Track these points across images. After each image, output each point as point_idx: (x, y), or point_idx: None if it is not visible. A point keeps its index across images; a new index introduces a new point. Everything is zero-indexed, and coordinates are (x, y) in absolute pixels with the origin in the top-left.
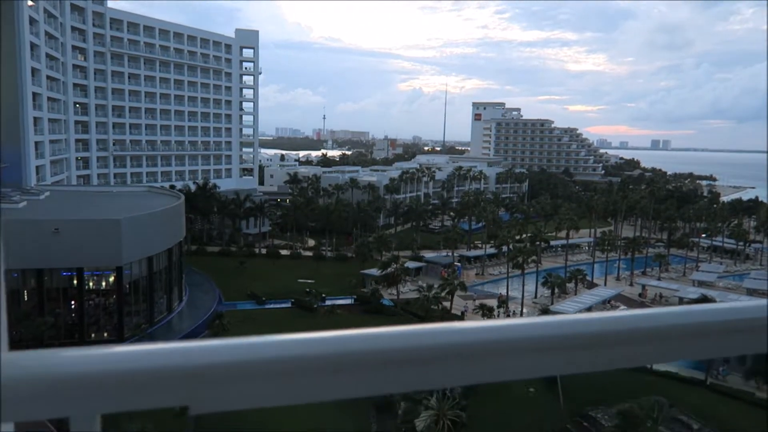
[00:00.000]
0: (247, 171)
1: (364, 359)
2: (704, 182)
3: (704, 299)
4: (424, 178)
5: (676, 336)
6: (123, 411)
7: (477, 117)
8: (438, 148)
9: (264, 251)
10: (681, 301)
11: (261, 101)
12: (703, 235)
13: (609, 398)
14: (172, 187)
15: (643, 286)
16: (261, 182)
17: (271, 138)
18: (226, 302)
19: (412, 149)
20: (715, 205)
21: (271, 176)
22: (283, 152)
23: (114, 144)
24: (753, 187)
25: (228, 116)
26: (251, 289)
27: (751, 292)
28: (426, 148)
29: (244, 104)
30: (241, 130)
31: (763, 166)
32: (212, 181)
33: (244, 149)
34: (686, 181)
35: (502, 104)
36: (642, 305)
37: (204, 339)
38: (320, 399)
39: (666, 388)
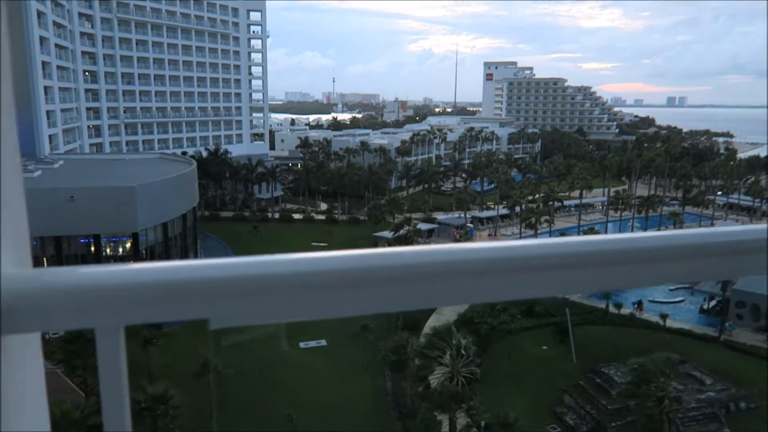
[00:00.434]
0: (257, 136)
1: (382, 275)
2: (721, 139)
3: None
4: (436, 140)
5: (673, 257)
6: (146, 322)
7: (489, 77)
8: (449, 110)
9: (277, 216)
10: None
11: (269, 65)
12: (719, 193)
13: (622, 355)
14: (184, 153)
15: None
16: (272, 147)
17: (281, 102)
18: None
19: (423, 111)
20: (731, 162)
21: (282, 141)
22: (293, 116)
23: (125, 111)
24: None
25: (237, 81)
26: (265, 253)
27: None
28: (437, 110)
29: (253, 68)
30: (250, 95)
31: None
32: (223, 147)
33: (254, 114)
34: (702, 139)
35: (514, 63)
36: None
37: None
38: (338, 315)
39: (680, 345)
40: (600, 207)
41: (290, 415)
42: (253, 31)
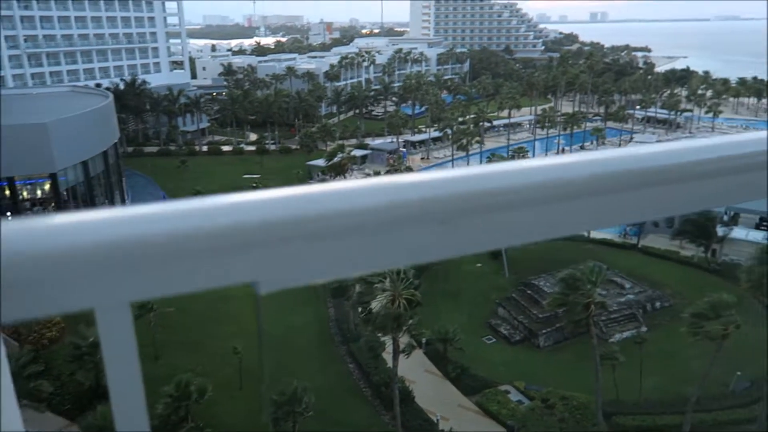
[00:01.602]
0: (177, 64)
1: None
2: (640, 54)
3: None
4: (365, 63)
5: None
6: (160, 296)
7: None
8: (377, 31)
9: (205, 148)
10: None
11: None
12: (638, 107)
13: (551, 267)
14: (98, 86)
15: None
16: (193, 76)
17: (199, 27)
18: None
19: (349, 33)
20: (649, 77)
21: (204, 69)
22: (214, 42)
23: (26, 40)
24: (686, 57)
25: (149, 3)
26: (196, 187)
27: None
28: (364, 31)
29: None
30: (165, 18)
31: (696, 34)
32: (141, 77)
33: (171, 40)
34: (623, 54)
35: None
36: None
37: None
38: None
39: (602, 253)
40: (528, 126)
41: (235, 348)
42: None
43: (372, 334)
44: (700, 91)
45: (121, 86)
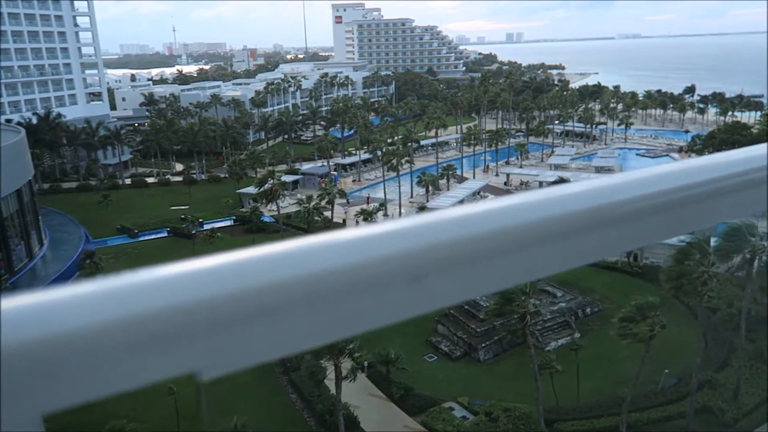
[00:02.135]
0: (94, 95)
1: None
2: (554, 71)
3: (561, 181)
4: (291, 88)
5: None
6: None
7: (338, 20)
8: (301, 56)
9: (129, 181)
10: (541, 185)
11: (98, 13)
12: (557, 122)
13: None
14: (9, 121)
15: (508, 175)
16: (113, 107)
17: (117, 57)
18: (94, 240)
19: (274, 59)
20: (565, 93)
21: (124, 99)
22: (133, 71)
23: None
24: (596, 73)
25: (61, 34)
26: (121, 222)
27: (599, 170)
28: (289, 57)
29: (78, 19)
30: (79, 49)
31: (603, 51)
32: (55, 110)
33: (87, 71)
34: (539, 72)
35: (362, 5)
36: (508, 193)
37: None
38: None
39: None
40: (455, 144)
41: (171, 389)
42: None
43: (313, 361)
44: (611, 105)
45: (34, 120)
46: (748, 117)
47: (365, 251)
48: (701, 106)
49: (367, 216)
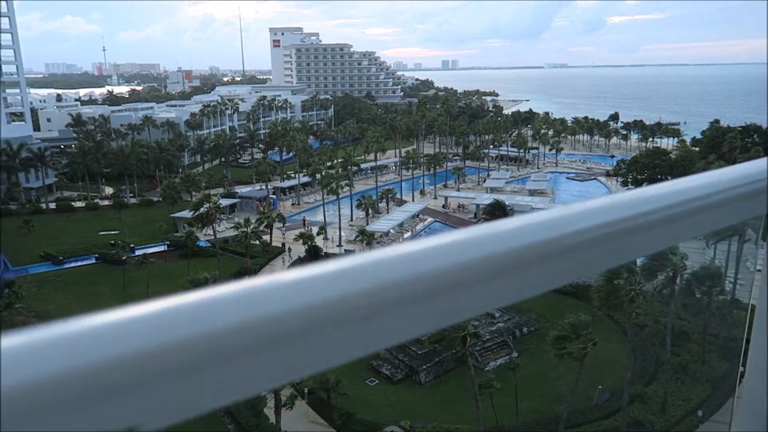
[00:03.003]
0: (16, 116)
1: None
2: (489, 98)
3: (497, 203)
4: (228, 111)
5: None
6: None
7: (276, 43)
8: (238, 78)
9: (53, 205)
10: (478, 207)
11: (21, 31)
12: (491, 147)
13: None
14: None
15: (446, 198)
16: (36, 128)
17: (41, 76)
18: (14, 268)
19: (210, 81)
20: (499, 118)
21: (49, 120)
22: (59, 91)
23: None
24: (528, 99)
25: None
26: (44, 249)
27: (533, 193)
28: (226, 79)
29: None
30: None
31: (533, 79)
32: None
33: (7, 90)
34: (474, 98)
35: (300, 29)
36: (446, 215)
37: None
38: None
39: None
40: (394, 167)
41: None
42: None
43: None
44: (543, 131)
45: None
46: (667, 143)
47: (316, 292)
48: (625, 132)
49: (306, 240)
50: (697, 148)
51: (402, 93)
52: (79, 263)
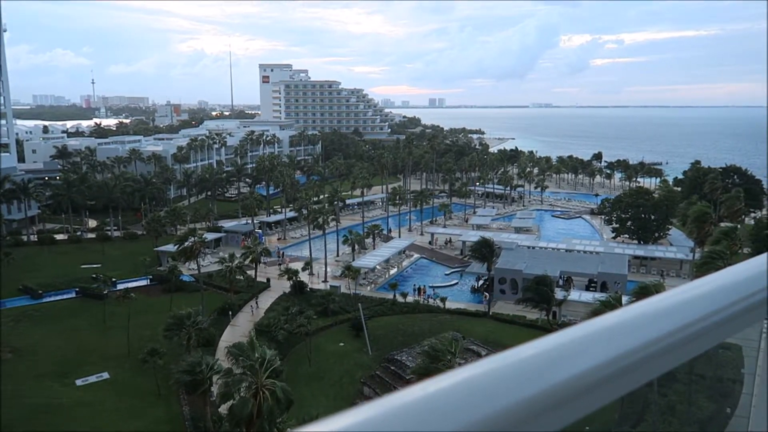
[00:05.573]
0: (1, 147)
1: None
2: (475, 136)
3: (484, 241)
4: (215, 145)
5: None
6: None
7: (265, 79)
8: (227, 113)
9: (35, 238)
10: (464, 244)
11: (10, 63)
12: (478, 184)
13: (411, 340)
14: None
15: (432, 234)
16: (21, 159)
17: (29, 107)
18: None
19: (199, 115)
20: (485, 156)
21: (34, 151)
22: (46, 123)
23: None
24: (513, 138)
25: None
26: (23, 282)
27: (519, 230)
28: (214, 113)
29: None
30: None
31: (518, 118)
32: None
33: None
34: (461, 136)
35: (289, 66)
36: (433, 252)
37: None
38: None
39: (458, 322)
40: (380, 203)
41: None
42: None
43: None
44: (528, 169)
45: None
46: (650, 182)
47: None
48: (608, 171)
49: (291, 275)
50: (679, 188)
51: (389, 130)
52: (59, 297)
